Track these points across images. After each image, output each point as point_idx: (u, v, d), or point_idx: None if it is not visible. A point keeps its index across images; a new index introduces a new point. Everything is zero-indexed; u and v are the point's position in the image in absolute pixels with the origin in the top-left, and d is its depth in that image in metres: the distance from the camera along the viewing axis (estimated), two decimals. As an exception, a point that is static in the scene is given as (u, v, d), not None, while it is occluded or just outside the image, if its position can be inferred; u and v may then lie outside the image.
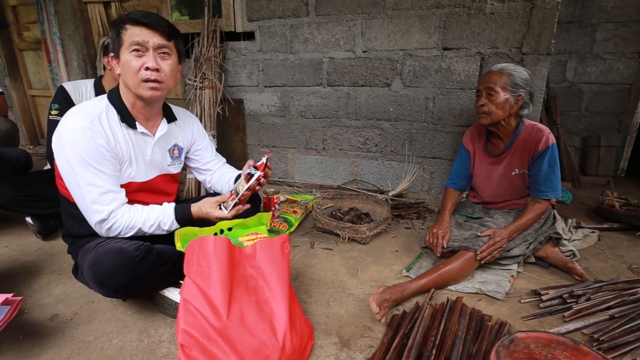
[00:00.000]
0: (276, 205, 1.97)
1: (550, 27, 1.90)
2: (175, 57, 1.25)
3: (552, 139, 1.58)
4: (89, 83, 1.94)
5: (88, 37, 3.24)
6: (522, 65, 1.96)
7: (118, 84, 1.29)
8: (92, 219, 1.22)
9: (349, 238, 1.85)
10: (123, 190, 1.26)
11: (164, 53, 1.20)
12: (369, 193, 2.37)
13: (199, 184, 2.50)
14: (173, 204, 1.34)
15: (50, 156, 1.89)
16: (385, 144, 2.47)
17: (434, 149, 2.37)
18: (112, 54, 1.22)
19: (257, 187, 1.30)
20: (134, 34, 1.15)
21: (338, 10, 2.32)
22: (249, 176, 1.29)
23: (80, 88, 1.89)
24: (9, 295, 1.02)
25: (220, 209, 1.33)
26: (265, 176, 1.29)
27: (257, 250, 1.14)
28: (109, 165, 1.21)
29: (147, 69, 1.17)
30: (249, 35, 2.62)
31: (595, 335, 1.16)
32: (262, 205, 1.84)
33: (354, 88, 2.43)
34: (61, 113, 1.85)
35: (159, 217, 1.28)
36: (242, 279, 1.08)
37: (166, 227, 1.30)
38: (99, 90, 1.92)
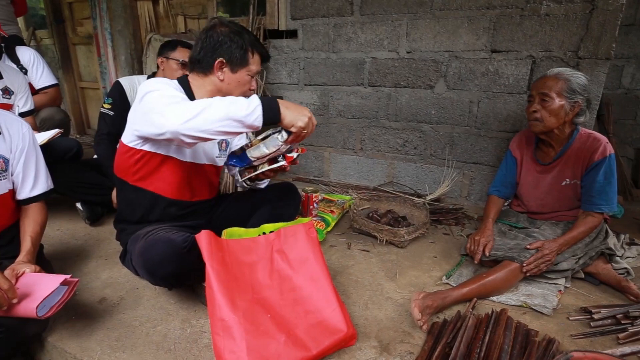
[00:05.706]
0: (314, 204, 1.97)
1: (612, 30, 1.79)
2: None
3: (609, 149, 1.49)
4: (142, 78, 2.02)
5: (136, 33, 3.37)
6: (577, 70, 1.86)
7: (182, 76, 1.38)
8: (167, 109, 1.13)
9: (386, 241, 1.83)
10: None
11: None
12: (407, 196, 2.33)
13: (236, 179, 2.54)
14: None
15: (97, 144, 1.97)
16: (425, 146, 2.42)
17: (476, 154, 2.30)
18: (223, 59, 1.29)
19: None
20: (256, 62, 1.35)
21: (383, 10, 2.29)
22: (273, 161, 1.34)
23: (134, 84, 1.98)
24: (68, 276, 1.07)
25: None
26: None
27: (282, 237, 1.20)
28: None
29: (250, 89, 1.39)
30: (292, 34, 2.64)
31: (656, 361, 1.08)
32: (300, 203, 1.85)
33: (396, 89, 2.39)
34: (113, 108, 1.91)
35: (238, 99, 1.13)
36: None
37: (245, 110, 1.09)
38: None
